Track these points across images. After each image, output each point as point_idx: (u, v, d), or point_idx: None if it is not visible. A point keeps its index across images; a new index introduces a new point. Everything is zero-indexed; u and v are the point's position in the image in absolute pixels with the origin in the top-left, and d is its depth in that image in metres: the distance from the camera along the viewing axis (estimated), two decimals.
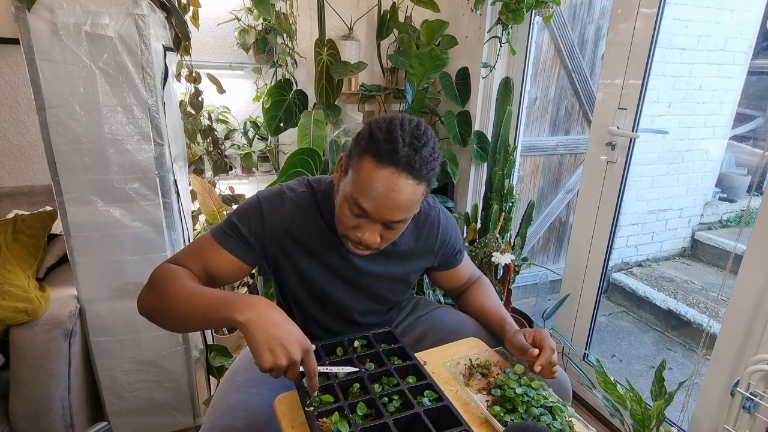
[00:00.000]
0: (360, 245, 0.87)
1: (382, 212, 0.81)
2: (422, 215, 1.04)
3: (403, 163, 0.78)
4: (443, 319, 1.16)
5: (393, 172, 0.78)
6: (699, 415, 1.40)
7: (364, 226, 0.84)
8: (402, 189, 0.79)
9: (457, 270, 1.17)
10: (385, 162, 0.78)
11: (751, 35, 2.99)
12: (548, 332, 0.94)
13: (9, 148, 1.92)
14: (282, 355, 0.69)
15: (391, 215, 0.82)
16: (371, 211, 0.81)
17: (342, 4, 2.14)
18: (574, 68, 2.63)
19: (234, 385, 0.96)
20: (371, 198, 0.80)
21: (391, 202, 0.79)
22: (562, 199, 2.91)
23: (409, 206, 0.82)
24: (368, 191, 0.80)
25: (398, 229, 0.86)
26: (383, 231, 0.85)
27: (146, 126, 1.28)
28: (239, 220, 0.94)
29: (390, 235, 0.87)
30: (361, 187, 0.80)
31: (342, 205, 0.85)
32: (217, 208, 1.95)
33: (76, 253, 1.32)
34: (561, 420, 0.78)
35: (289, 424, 0.79)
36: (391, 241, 0.90)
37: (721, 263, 3.21)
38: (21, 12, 1.11)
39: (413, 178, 0.79)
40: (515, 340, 0.94)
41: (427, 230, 1.05)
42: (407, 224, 0.89)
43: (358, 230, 0.85)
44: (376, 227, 0.84)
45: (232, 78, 2.15)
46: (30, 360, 1.27)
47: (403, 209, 0.82)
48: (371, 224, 0.84)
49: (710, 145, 3.17)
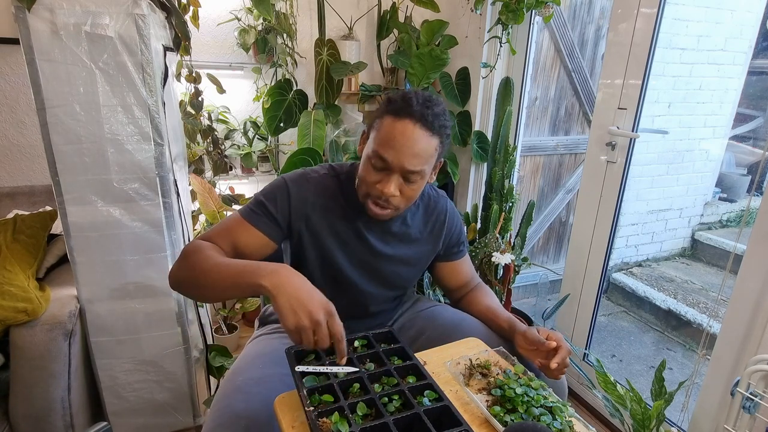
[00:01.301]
0: (381, 200, 0.94)
1: (401, 160, 0.90)
2: (431, 201, 1.13)
3: (417, 115, 0.89)
4: (442, 315, 1.17)
5: (409, 123, 0.89)
6: (699, 415, 1.40)
7: (385, 179, 0.93)
8: (418, 138, 0.90)
9: (460, 265, 1.19)
10: (401, 115, 0.90)
11: (751, 35, 2.99)
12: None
13: (9, 148, 1.92)
14: (304, 317, 0.74)
15: (409, 163, 0.90)
16: (391, 159, 0.90)
17: (342, 4, 2.14)
18: (574, 68, 2.63)
19: (235, 385, 0.96)
20: (391, 147, 0.90)
21: (408, 149, 0.89)
22: (562, 199, 2.91)
23: (425, 157, 0.91)
24: (388, 141, 0.90)
25: (415, 184, 0.94)
26: (402, 185, 0.93)
27: (146, 126, 1.28)
28: (266, 199, 1.00)
29: (408, 191, 0.95)
30: (381, 139, 0.91)
31: (365, 164, 0.95)
32: (217, 208, 1.95)
33: (76, 253, 1.32)
34: (561, 420, 0.78)
35: (289, 424, 0.79)
36: (407, 200, 0.96)
37: (721, 263, 3.21)
38: (21, 12, 1.11)
39: (427, 129, 0.90)
40: (530, 333, 0.96)
41: (435, 216, 1.12)
42: (422, 184, 0.97)
43: (380, 183, 0.93)
44: (396, 179, 0.92)
45: (232, 78, 2.15)
46: (30, 360, 1.27)
47: (420, 158, 0.91)
48: (392, 176, 0.92)
49: (710, 145, 3.17)
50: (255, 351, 1.07)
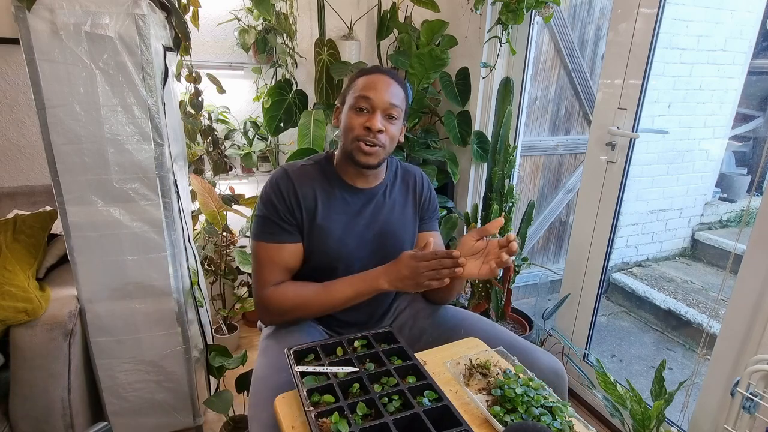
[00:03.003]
0: (369, 138, 1.04)
1: (383, 95, 1.04)
2: (405, 169, 1.23)
3: (385, 71, 1.09)
4: (443, 315, 1.18)
5: (382, 75, 1.07)
6: (699, 415, 1.40)
7: (370, 117, 1.04)
8: (391, 83, 1.07)
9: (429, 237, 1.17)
10: (374, 72, 1.08)
11: (751, 35, 2.99)
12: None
13: (9, 148, 1.92)
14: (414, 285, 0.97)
15: (390, 98, 1.04)
16: (374, 96, 1.03)
17: (342, 4, 2.14)
18: (574, 68, 2.63)
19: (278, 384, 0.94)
20: (372, 88, 1.04)
21: (386, 88, 1.05)
22: (562, 199, 2.91)
23: (398, 95, 1.07)
24: (368, 86, 1.05)
25: (395, 123, 1.07)
26: (385, 122, 1.05)
27: (146, 126, 1.28)
28: (268, 212, 1.07)
29: (390, 129, 1.06)
30: (362, 87, 1.05)
31: (349, 114, 1.06)
32: (217, 208, 1.95)
33: (76, 253, 1.32)
34: (561, 420, 0.78)
35: (289, 424, 0.79)
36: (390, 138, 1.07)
37: (721, 263, 3.20)
38: (21, 12, 1.11)
39: (395, 80, 1.08)
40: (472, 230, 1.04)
41: (409, 178, 1.22)
42: (400, 124, 1.10)
43: (366, 122, 1.04)
44: (378, 115, 1.04)
45: (232, 78, 2.15)
46: (30, 360, 1.26)
47: (397, 96, 1.06)
48: (375, 113, 1.04)
49: (710, 145, 3.17)
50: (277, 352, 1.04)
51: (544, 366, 1.03)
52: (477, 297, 1.98)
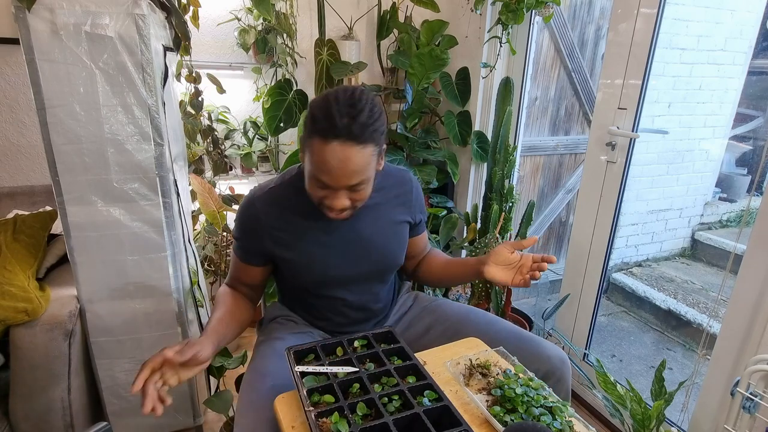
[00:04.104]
0: (334, 211, 0.96)
1: (340, 181, 0.90)
2: (396, 173, 1.14)
3: (344, 133, 0.86)
4: (448, 310, 1.19)
5: (337, 144, 0.86)
6: (699, 415, 1.40)
7: (330, 195, 0.93)
8: (350, 156, 0.87)
9: (421, 239, 1.23)
10: (329, 137, 0.86)
11: (751, 35, 2.99)
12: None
13: (9, 148, 1.92)
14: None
15: (348, 181, 0.90)
16: (330, 182, 0.90)
17: (342, 4, 2.14)
18: (574, 68, 2.63)
19: (267, 386, 0.96)
20: (327, 172, 0.89)
21: (343, 171, 0.88)
22: (562, 199, 2.91)
23: (362, 169, 0.90)
24: (322, 167, 0.89)
25: (363, 190, 0.94)
26: (350, 194, 0.94)
27: (146, 126, 1.28)
28: (237, 235, 1.08)
29: (358, 196, 0.95)
30: (316, 165, 0.90)
31: (309, 181, 0.95)
32: (217, 208, 1.95)
33: (76, 253, 1.32)
34: (561, 420, 0.78)
35: (289, 424, 0.79)
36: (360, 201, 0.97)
37: (721, 263, 3.20)
38: (21, 12, 1.11)
39: (356, 143, 0.87)
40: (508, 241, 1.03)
41: (400, 187, 1.13)
42: (371, 183, 0.96)
43: (327, 199, 0.94)
44: (341, 193, 0.93)
45: (232, 78, 2.15)
46: (30, 360, 1.26)
47: (358, 173, 0.90)
48: (336, 192, 0.93)
49: (710, 145, 3.17)
50: (273, 350, 1.07)
51: (552, 354, 1.05)
52: (477, 297, 1.98)
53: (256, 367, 1.04)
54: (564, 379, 1.05)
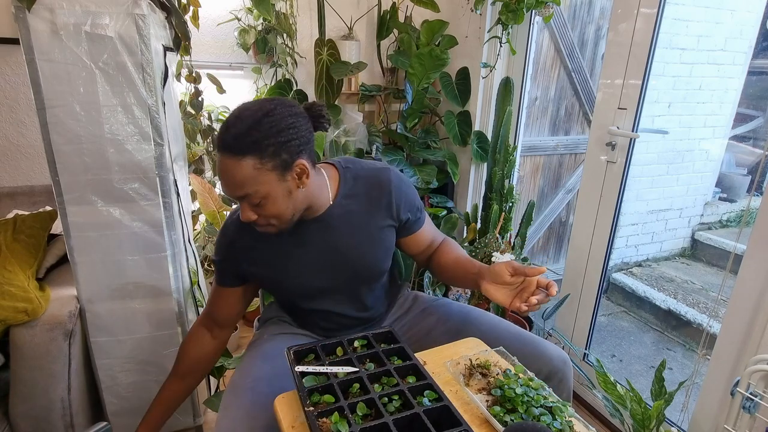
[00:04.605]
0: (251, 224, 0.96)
1: (231, 192, 0.91)
2: (372, 175, 1.09)
3: (222, 145, 0.88)
4: (449, 311, 1.18)
5: (221, 157, 0.89)
6: (699, 415, 1.40)
7: (241, 207, 0.94)
8: (229, 168, 0.88)
9: (422, 233, 1.17)
10: (218, 149, 0.89)
11: (751, 35, 2.99)
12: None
13: (9, 148, 1.92)
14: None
15: (233, 192, 0.90)
16: (226, 191, 0.91)
17: (342, 4, 2.14)
18: (574, 68, 2.63)
19: (246, 387, 0.98)
20: (222, 180, 0.91)
21: (227, 181, 0.90)
22: (562, 199, 2.91)
23: (244, 181, 0.88)
24: (219, 176, 0.92)
25: (264, 205, 0.91)
26: (252, 208, 0.92)
27: (146, 126, 1.28)
28: (215, 257, 1.10)
29: (263, 211, 0.92)
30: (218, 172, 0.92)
31: None
32: (217, 208, 1.95)
33: (76, 253, 1.32)
34: (561, 420, 0.78)
35: (289, 424, 0.79)
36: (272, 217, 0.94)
37: (721, 263, 3.20)
38: (21, 12, 1.11)
39: (232, 155, 0.87)
40: (514, 263, 0.96)
41: (379, 188, 1.07)
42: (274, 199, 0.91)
43: (239, 212, 0.95)
44: (243, 205, 0.93)
45: (232, 78, 2.15)
46: (30, 360, 1.26)
47: (239, 185, 0.88)
48: (242, 203, 0.93)
49: (710, 145, 3.17)
50: (260, 352, 1.08)
51: (554, 355, 1.04)
52: (477, 297, 1.98)
53: (241, 368, 1.06)
54: (566, 380, 1.05)
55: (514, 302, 0.94)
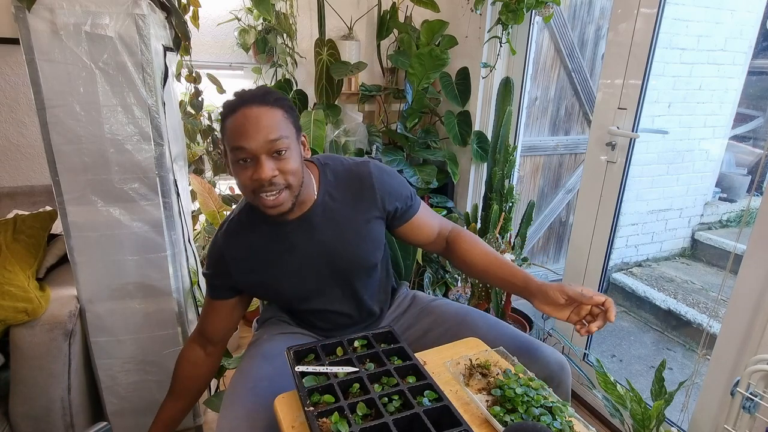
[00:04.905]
0: (266, 188, 0.91)
1: (257, 138, 0.89)
2: (352, 171, 1.08)
3: (248, 99, 0.91)
4: (447, 312, 1.17)
5: (245, 108, 0.90)
6: (699, 415, 1.40)
7: (257, 167, 0.90)
8: (259, 114, 0.90)
9: (420, 220, 1.14)
10: (237, 108, 0.91)
11: (751, 35, 2.99)
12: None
13: (9, 148, 1.92)
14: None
15: (265, 137, 0.89)
16: (249, 145, 0.89)
17: (342, 4, 2.14)
18: (574, 68, 2.63)
19: (247, 387, 0.98)
20: (243, 134, 0.89)
21: (256, 126, 0.89)
22: (562, 199, 2.91)
23: (275, 126, 0.90)
24: (238, 132, 0.90)
25: (286, 156, 0.92)
26: (275, 162, 0.91)
27: (146, 126, 1.28)
28: (207, 271, 1.10)
29: (285, 166, 0.92)
30: (232, 135, 0.90)
31: (235, 170, 0.93)
32: (217, 208, 1.95)
33: (76, 253, 1.32)
34: (561, 420, 0.78)
35: (289, 424, 0.79)
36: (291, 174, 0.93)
37: (721, 263, 3.20)
38: (21, 12, 1.11)
39: (263, 104, 0.91)
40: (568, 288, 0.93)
41: (359, 182, 1.07)
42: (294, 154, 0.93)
43: (255, 174, 0.90)
44: (265, 160, 0.90)
45: (232, 78, 2.15)
46: (30, 360, 1.26)
47: (271, 129, 0.90)
48: (260, 160, 0.90)
49: (710, 145, 3.17)
50: (261, 352, 1.08)
51: (552, 359, 1.04)
52: (477, 297, 1.98)
53: (242, 368, 1.06)
54: (563, 385, 1.04)
55: (572, 316, 0.94)
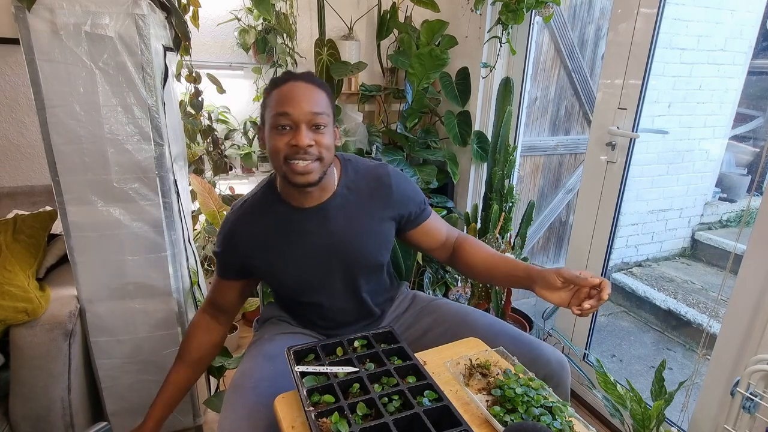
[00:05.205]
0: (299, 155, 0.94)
1: (303, 107, 0.93)
2: (370, 169, 1.11)
3: (298, 76, 0.98)
4: (447, 311, 1.18)
5: (295, 82, 0.96)
6: (699, 415, 1.40)
7: (296, 134, 0.94)
8: (306, 89, 0.96)
9: (431, 225, 1.17)
10: (287, 80, 0.97)
11: (751, 35, 2.99)
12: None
13: (9, 148, 1.92)
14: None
15: (309, 107, 0.94)
16: (293, 110, 0.93)
17: (342, 4, 2.14)
18: (574, 68, 2.63)
19: (247, 387, 0.98)
20: (289, 101, 0.94)
21: (304, 96, 0.94)
22: (562, 199, 2.91)
23: (320, 102, 0.96)
24: (284, 100, 0.94)
25: (324, 131, 0.96)
26: (312, 133, 0.95)
27: (146, 126, 1.28)
28: (218, 249, 1.11)
29: (321, 139, 0.95)
30: (278, 102, 0.95)
31: (272, 135, 0.96)
32: (217, 208, 1.95)
33: (76, 253, 1.32)
34: (561, 420, 0.78)
35: (289, 424, 0.79)
36: (325, 148, 0.96)
37: (721, 263, 3.20)
38: (21, 12, 1.11)
39: (311, 83, 0.97)
40: (565, 271, 0.94)
41: (376, 180, 1.10)
42: (331, 132, 0.99)
43: (293, 140, 0.94)
44: (303, 128, 0.94)
45: (232, 78, 2.15)
46: (30, 360, 1.26)
47: (318, 103, 0.95)
48: (300, 127, 0.94)
49: (710, 145, 3.17)
50: (261, 352, 1.08)
51: (552, 358, 1.04)
52: (477, 297, 1.98)
53: (242, 368, 1.06)
54: (563, 384, 1.04)
55: (572, 301, 0.94)
